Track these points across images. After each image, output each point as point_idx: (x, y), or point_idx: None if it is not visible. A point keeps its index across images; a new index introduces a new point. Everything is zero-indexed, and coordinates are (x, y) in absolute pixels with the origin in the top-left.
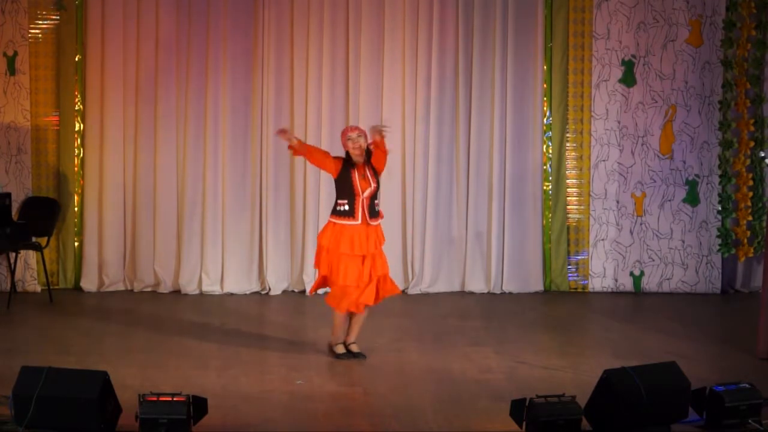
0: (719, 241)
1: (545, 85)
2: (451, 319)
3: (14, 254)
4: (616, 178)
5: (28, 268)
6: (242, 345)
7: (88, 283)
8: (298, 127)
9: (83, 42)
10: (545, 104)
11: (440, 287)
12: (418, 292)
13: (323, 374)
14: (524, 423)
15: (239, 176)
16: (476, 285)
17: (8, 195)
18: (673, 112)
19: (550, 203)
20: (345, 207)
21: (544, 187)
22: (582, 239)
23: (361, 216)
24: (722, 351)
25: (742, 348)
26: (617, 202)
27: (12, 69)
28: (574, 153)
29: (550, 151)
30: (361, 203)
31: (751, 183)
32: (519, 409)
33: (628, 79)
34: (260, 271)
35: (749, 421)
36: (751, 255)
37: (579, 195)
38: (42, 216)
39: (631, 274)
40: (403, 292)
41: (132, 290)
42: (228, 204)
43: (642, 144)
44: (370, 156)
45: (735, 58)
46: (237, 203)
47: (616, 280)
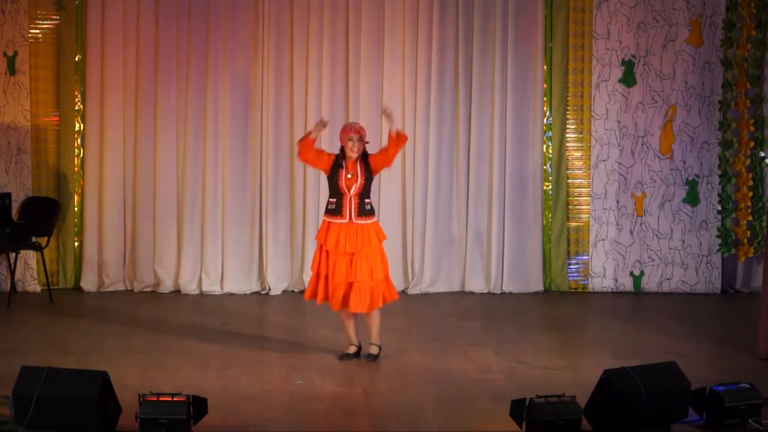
0: (719, 241)
1: (545, 85)
2: (451, 319)
3: (14, 254)
4: (616, 178)
5: (28, 268)
6: (242, 345)
7: (88, 283)
8: (298, 127)
9: (83, 42)
10: (545, 104)
11: (440, 287)
12: (418, 292)
13: (323, 374)
14: (524, 423)
15: (239, 176)
16: (476, 285)
17: (8, 195)
18: (673, 112)
19: (550, 203)
20: (333, 205)
21: (544, 187)
22: (582, 239)
23: (348, 214)
24: (722, 351)
25: (742, 348)
26: (617, 202)
27: (12, 69)
28: (574, 153)
29: (550, 151)
30: (349, 201)
31: (751, 183)
32: (519, 409)
33: (628, 79)
34: (260, 271)
35: (749, 421)
36: (751, 255)
37: (579, 195)
38: (42, 216)
39: (631, 274)
40: (403, 292)
41: (132, 290)
42: (228, 204)
43: (642, 144)
44: (367, 156)
45: (735, 58)
46: (237, 203)
47: (616, 280)
